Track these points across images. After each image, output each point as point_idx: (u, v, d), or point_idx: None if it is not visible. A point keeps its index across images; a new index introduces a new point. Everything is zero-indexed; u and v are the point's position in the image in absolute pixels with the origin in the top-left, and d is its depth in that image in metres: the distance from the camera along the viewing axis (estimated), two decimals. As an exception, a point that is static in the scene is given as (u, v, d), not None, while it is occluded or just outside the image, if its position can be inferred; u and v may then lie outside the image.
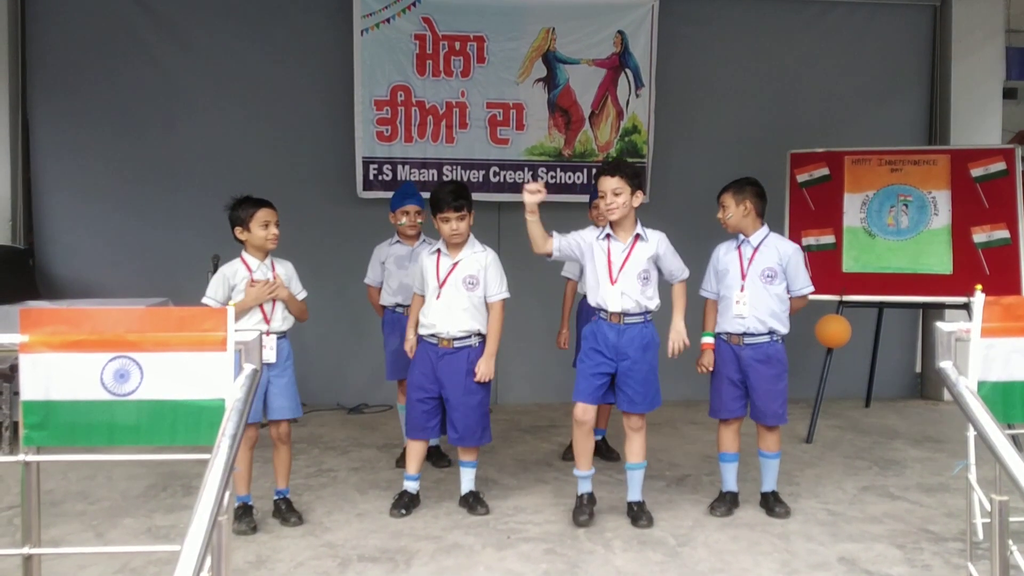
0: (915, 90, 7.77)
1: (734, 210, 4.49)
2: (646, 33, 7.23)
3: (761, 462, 4.60)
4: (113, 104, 7.05)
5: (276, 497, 4.36)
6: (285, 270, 4.39)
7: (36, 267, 6.96)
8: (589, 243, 4.35)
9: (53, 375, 2.29)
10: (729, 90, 7.55)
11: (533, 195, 4.18)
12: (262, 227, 4.23)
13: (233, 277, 4.24)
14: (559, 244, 4.34)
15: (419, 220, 5.33)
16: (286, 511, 4.31)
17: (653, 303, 4.32)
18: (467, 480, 4.58)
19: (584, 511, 4.33)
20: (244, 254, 4.30)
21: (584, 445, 4.37)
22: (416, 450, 4.54)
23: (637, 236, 4.30)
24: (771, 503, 4.54)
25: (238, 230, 4.27)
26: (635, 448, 4.38)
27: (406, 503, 4.47)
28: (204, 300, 4.21)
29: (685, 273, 4.43)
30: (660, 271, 4.39)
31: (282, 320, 4.30)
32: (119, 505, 4.57)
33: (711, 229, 4.79)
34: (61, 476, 4.97)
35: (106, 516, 4.40)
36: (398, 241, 5.37)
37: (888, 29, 7.69)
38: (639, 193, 4.28)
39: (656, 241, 4.32)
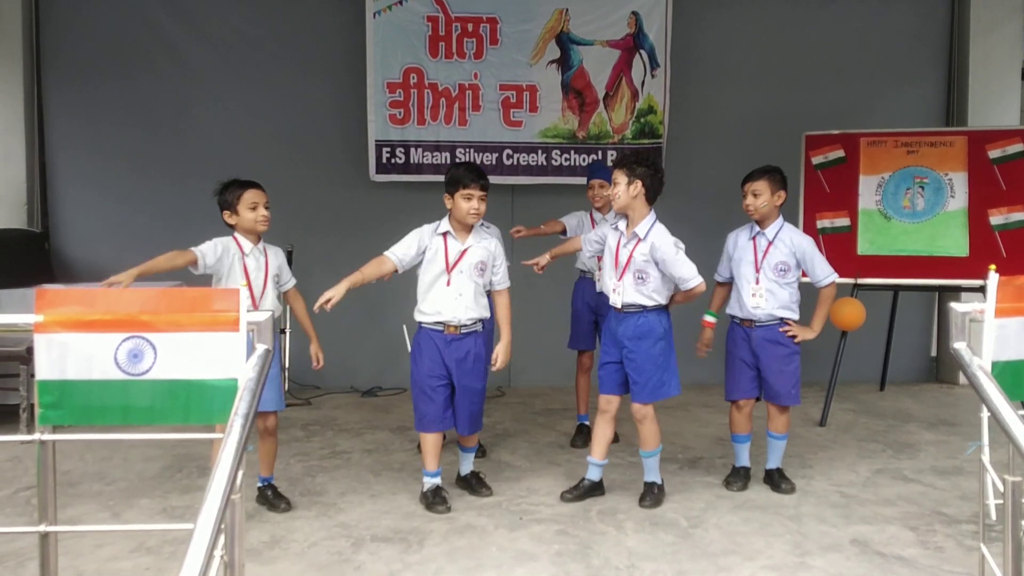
0: (932, 71, 7.69)
1: (768, 198, 4.45)
2: (661, 14, 7.18)
3: (768, 442, 4.65)
4: (126, 90, 7.07)
5: (260, 484, 4.29)
6: (276, 254, 4.31)
7: (51, 250, 7.00)
8: (604, 231, 4.45)
9: (68, 355, 2.30)
10: (744, 71, 7.49)
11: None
12: (250, 209, 4.13)
13: (226, 252, 4.13)
14: (591, 251, 4.59)
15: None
16: (273, 497, 4.25)
17: (651, 301, 4.22)
18: (467, 463, 4.57)
19: (574, 491, 4.41)
20: (236, 237, 4.19)
21: (600, 432, 4.41)
22: (435, 443, 4.32)
23: (637, 238, 4.21)
24: (776, 479, 4.59)
25: (226, 214, 4.18)
26: (641, 437, 4.37)
27: (444, 497, 4.27)
28: (194, 248, 4.07)
29: (694, 282, 4.18)
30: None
31: (273, 306, 4.19)
32: (135, 486, 4.61)
33: (727, 209, 4.77)
34: (78, 458, 5.02)
35: (122, 496, 4.44)
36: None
37: (905, 9, 7.60)
38: (637, 183, 4.16)
39: (652, 245, 4.17)
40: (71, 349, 2.30)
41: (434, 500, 4.25)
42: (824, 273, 4.55)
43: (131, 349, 2.32)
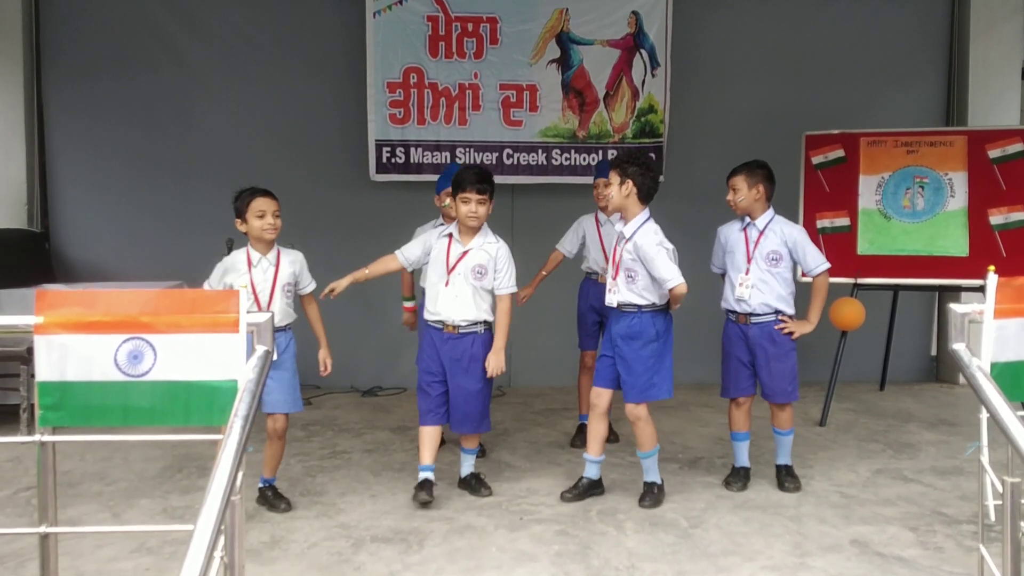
0: (932, 70, 7.67)
1: (746, 193, 4.49)
2: (661, 14, 7.17)
3: (775, 439, 4.67)
4: (126, 89, 7.07)
5: (261, 485, 4.28)
6: (292, 261, 4.30)
7: (52, 250, 7.00)
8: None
9: (68, 356, 2.30)
10: (745, 71, 7.49)
11: None
12: (257, 217, 4.14)
13: (232, 269, 4.19)
14: None
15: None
16: (273, 498, 4.25)
17: (643, 299, 4.24)
18: (467, 465, 4.58)
19: (573, 490, 4.41)
20: (248, 246, 4.23)
21: (594, 428, 4.44)
22: (430, 437, 4.41)
23: (625, 237, 4.28)
24: (782, 477, 4.60)
25: (238, 222, 4.21)
26: (637, 439, 4.38)
27: (429, 488, 4.33)
28: (204, 286, 4.21)
29: (672, 283, 4.14)
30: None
31: (282, 314, 4.19)
32: (135, 486, 4.62)
33: (727, 208, 4.78)
34: (79, 458, 5.02)
35: (123, 497, 4.44)
36: (441, 223, 5.30)
37: (905, 9, 7.60)
38: (628, 183, 4.23)
39: (635, 244, 4.22)
40: (71, 351, 2.30)
41: (419, 489, 4.29)
42: (816, 262, 4.54)
43: (131, 350, 2.32)
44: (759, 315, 4.49)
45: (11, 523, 4.06)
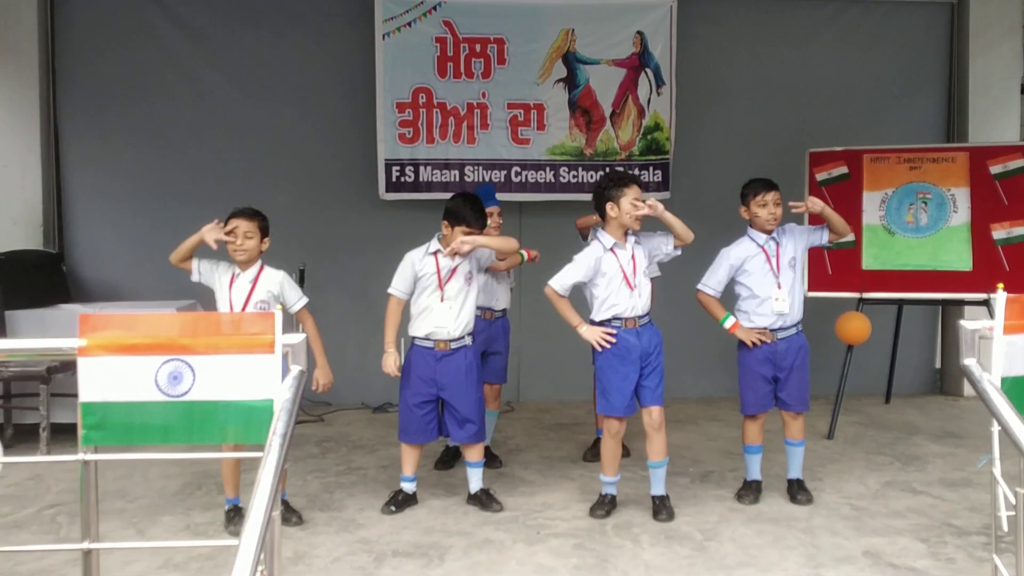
0: (933, 87, 7.79)
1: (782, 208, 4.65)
2: (665, 33, 7.29)
3: (788, 451, 4.74)
4: (138, 110, 7.18)
5: None
6: (271, 281, 4.29)
7: (67, 271, 7.08)
8: (597, 257, 4.35)
9: (110, 377, 2.38)
10: (749, 89, 7.60)
11: None
12: (230, 236, 4.19)
13: (222, 270, 4.28)
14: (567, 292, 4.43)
15: (500, 221, 5.38)
16: (285, 511, 4.27)
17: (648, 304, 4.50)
18: (475, 479, 4.65)
19: (603, 508, 4.49)
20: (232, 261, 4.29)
21: (615, 453, 4.52)
22: (414, 454, 4.61)
23: (635, 240, 4.44)
24: (794, 490, 4.68)
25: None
26: (656, 446, 4.44)
27: (399, 502, 4.55)
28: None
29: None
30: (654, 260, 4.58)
31: None
32: (157, 503, 4.69)
33: (732, 223, 4.87)
34: (99, 475, 5.06)
35: (145, 514, 4.51)
36: None
37: (905, 27, 7.72)
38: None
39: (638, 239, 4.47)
40: (113, 372, 2.38)
41: (388, 500, 4.56)
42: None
43: (171, 371, 2.40)
44: (785, 329, 4.61)
45: (36, 540, 4.12)
